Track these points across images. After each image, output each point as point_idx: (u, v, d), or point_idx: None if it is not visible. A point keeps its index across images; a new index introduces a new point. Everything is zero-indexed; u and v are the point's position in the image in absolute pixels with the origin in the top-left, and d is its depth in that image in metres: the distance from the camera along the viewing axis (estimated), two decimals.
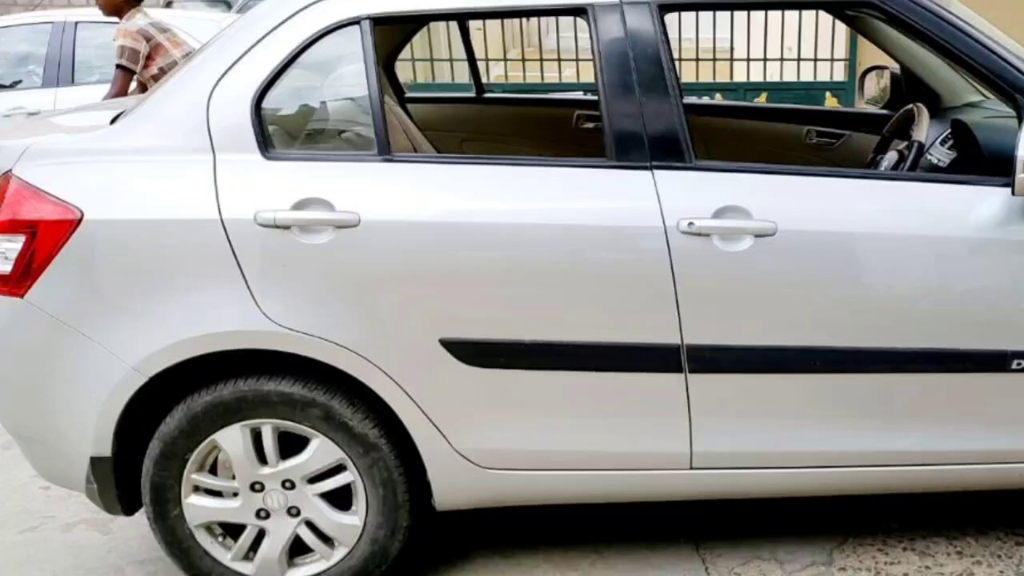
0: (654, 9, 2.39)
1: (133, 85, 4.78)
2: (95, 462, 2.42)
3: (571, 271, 2.35)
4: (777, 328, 2.39)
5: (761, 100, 6.26)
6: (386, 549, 2.49)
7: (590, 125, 3.57)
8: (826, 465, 2.50)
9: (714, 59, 6.42)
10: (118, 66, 4.71)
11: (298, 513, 2.47)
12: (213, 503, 2.47)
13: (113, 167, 2.39)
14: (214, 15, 8.61)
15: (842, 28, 6.03)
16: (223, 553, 2.50)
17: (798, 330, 2.39)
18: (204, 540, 2.49)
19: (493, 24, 6.74)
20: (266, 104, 2.38)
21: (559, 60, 6.70)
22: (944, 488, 2.61)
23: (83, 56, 6.58)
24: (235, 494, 2.45)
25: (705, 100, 5.12)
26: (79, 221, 2.30)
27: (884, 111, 3.46)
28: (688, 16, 5.74)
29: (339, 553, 2.50)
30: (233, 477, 2.44)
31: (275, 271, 2.33)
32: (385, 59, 3.21)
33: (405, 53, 3.79)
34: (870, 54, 4.80)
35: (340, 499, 2.48)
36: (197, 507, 2.46)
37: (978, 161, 2.65)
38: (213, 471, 2.46)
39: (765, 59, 6.22)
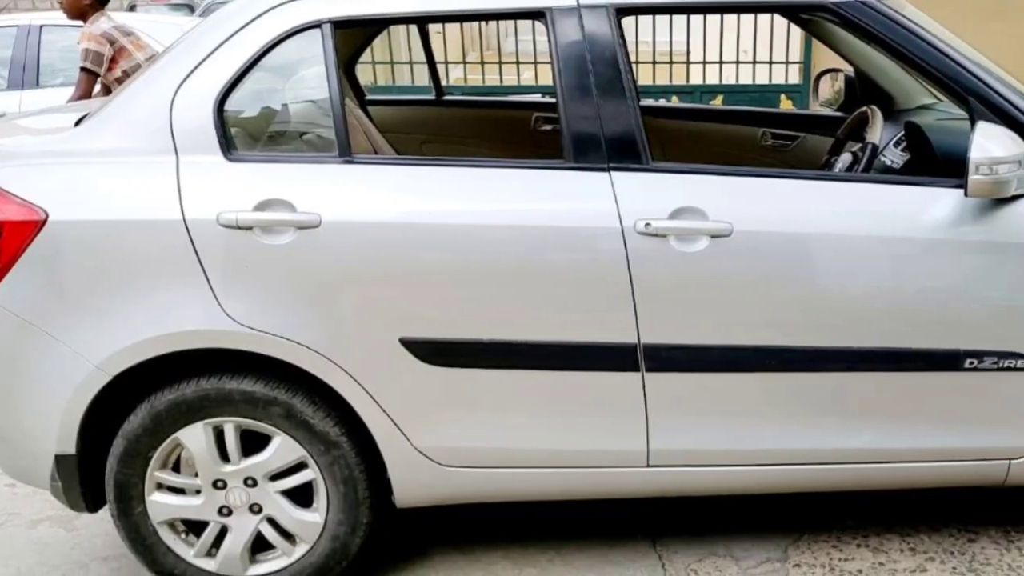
0: (611, 13, 2.46)
1: (97, 88, 4.85)
2: (60, 460, 2.49)
3: (529, 271, 2.42)
4: (733, 328, 2.46)
5: (717, 102, 6.39)
6: (347, 546, 2.56)
7: (548, 127, 3.66)
8: (781, 463, 2.58)
9: (671, 62, 6.58)
10: (82, 69, 4.79)
11: (260, 510, 2.55)
12: (176, 500, 2.54)
13: (78, 169, 2.45)
14: (177, 19, 8.80)
15: (797, 31, 6.18)
16: (186, 550, 2.58)
17: (754, 329, 2.47)
18: (167, 537, 2.57)
19: (452, 27, 6.88)
20: (228, 106, 2.45)
21: (518, 63, 6.83)
22: (898, 485, 2.69)
23: (48, 59, 6.70)
24: (198, 491, 2.53)
25: (662, 102, 5.22)
26: (44, 222, 2.37)
27: (838, 113, 3.55)
28: (645, 19, 5.86)
29: (300, 550, 2.59)
30: (196, 475, 2.52)
31: (237, 271, 2.40)
32: (346, 62, 3.30)
33: (366, 56, 3.87)
34: (824, 57, 4.91)
35: (302, 496, 2.56)
36: (160, 504, 2.53)
37: (931, 163, 2.74)
38: (176, 469, 2.54)
39: (721, 62, 6.36)
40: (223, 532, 2.57)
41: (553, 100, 2.55)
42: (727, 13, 4.29)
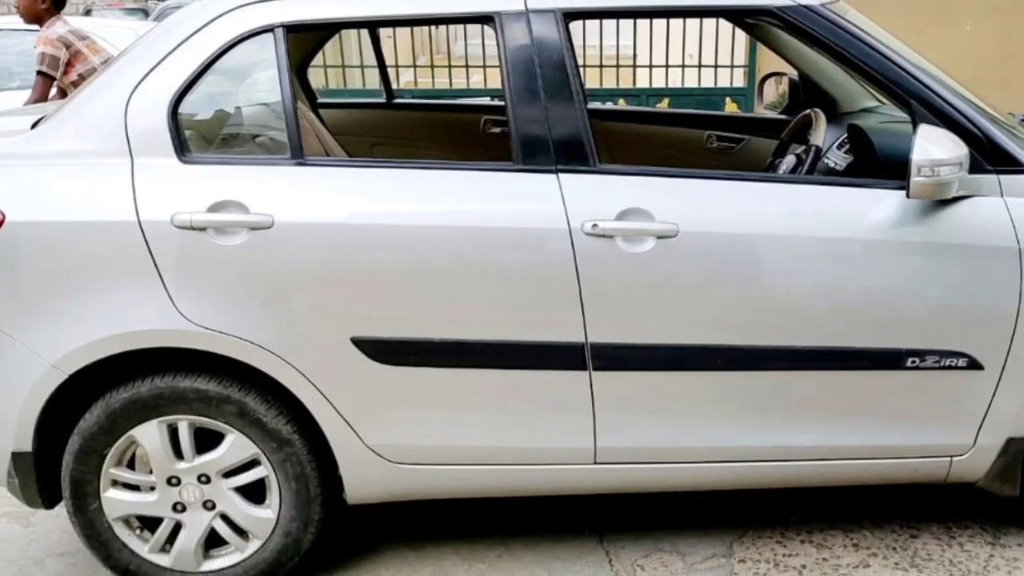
0: (559, 17, 2.56)
1: (53, 91, 4.95)
2: (16, 457, 2.59)
3: (478, 272, 2.51)
4: (679, 327, 2.56)
5: (663, 105, 6.53)
6: (299, 541, 2.66)
7: (497, 130, 3.77)
8: (727, 460, 2.68)
9: (617, 65, 6.75)
10: (39, 72, 4.89)
11: (213, 507, 2.64)
12: (131, 497, 2.64)
13: (34, 170, 2.54)
14: (132, 23, 8.97)
15: (742, 35, 6.34)
16: (141, 545, 2.68)
17: (699, 329, 2.56)
18: (122, 533, 2.66)
19: (403, 31, 7.02)
20: (182, 109, 2.54)
21: (467, 67, 6.98)
22: (841, 482, 2.79)
23: (4, 63, 6.83)
24: (152, 488, 2.63)
25: (609, 105, 5.34)
26: (1, 223, 2.46)
27: (782, 116, 3.65)
28: (592, 24, 5.98)
29: (253, 545, 2.68)
30: (150, 472, 2.62)
31: (191, 272, 2.49)
32: (298, 65, 3.40)
33: (317, 60, 3.97)
34: (768, 61, 5.03)
35: (254, 493, 2.65)
36: (115, 501, 2.63)
37: (874, 165, 2.83)
38: (131, 466, 2.64)
39: (667, 65, 6.51)
40: (177, 528, 2.66)
41: (502, 103, 2.64)
42: (673, 17, 4.38)
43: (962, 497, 3.04)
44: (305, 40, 3.35)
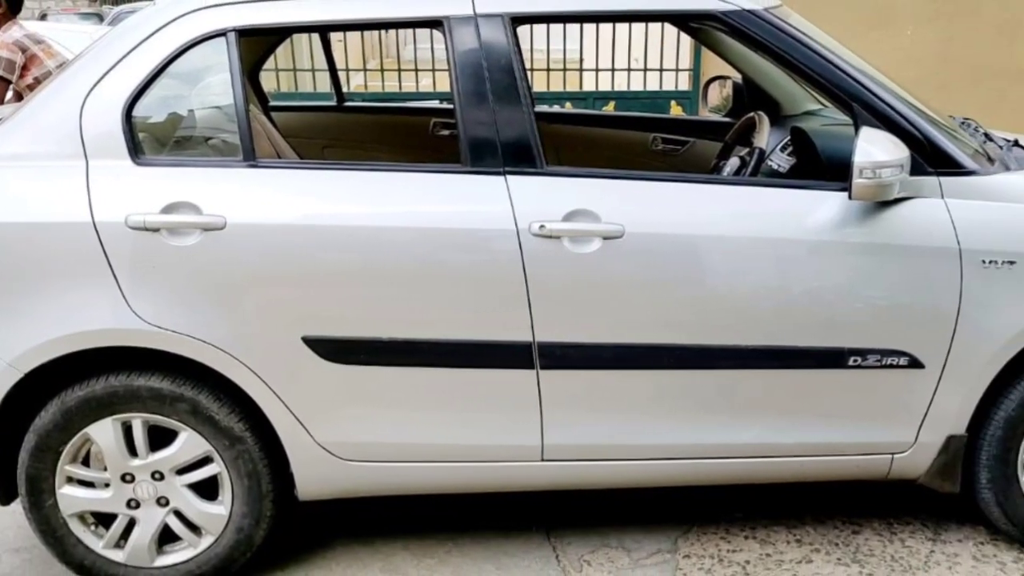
0: (507, 22, 2.65)
1: (9, 94, 5.03)
2: None
3: (428, 272, 2.60)
4: (625, 326, 2.65)
5: (609, 109, 6.68)
6: (251, 537, 2.76)
7: (446, 132, 3.88)
8: (672, 457, 2.78)
9: (564, 69, 6.90)
10: None
11: (167, 503, 2.73)
12: (86, 493, 2.73)
13: None
14: (87, 27, 9.13)
15: (687, 40, 6.49)
16: (95, 541, 2.77)
17: (645, 328, 2.66)
18: (77, 529, 2.76)
19: (353, 36, 7.17)
20: (136, 112, 2.63)
21: (416, 70, 7.14)
22: (785, 479, 2.89)
23: None
24: (107, 485, 2.72)
25: (556, 109, 5.44)
26: None
27: (727, 119, 3.76)
28: (539, 28, 6.08)
29: (206, 541, 2.78)
30: (105, 468, 2.71)
31: (145, 272, 2.58)
32: (250, 69, 3.50)
33: (269, 63, 4.07)
34: (713, 65, 5.16)
35: (207, 490, 2.75)
36: (70, 497, 2.72)
37: (817, 167, 2.93)
38: (86, 463, 2.73)
39: (613, 69, 6.66)
40: (131, 524, 2.76)
41: (451, 106, 2.72)
42: (619, 22, 4.49)
43: (903, 494, 3.16)
44: (257, 44, 3.45)
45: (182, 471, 2.72)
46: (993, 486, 2.84)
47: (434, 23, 2.68)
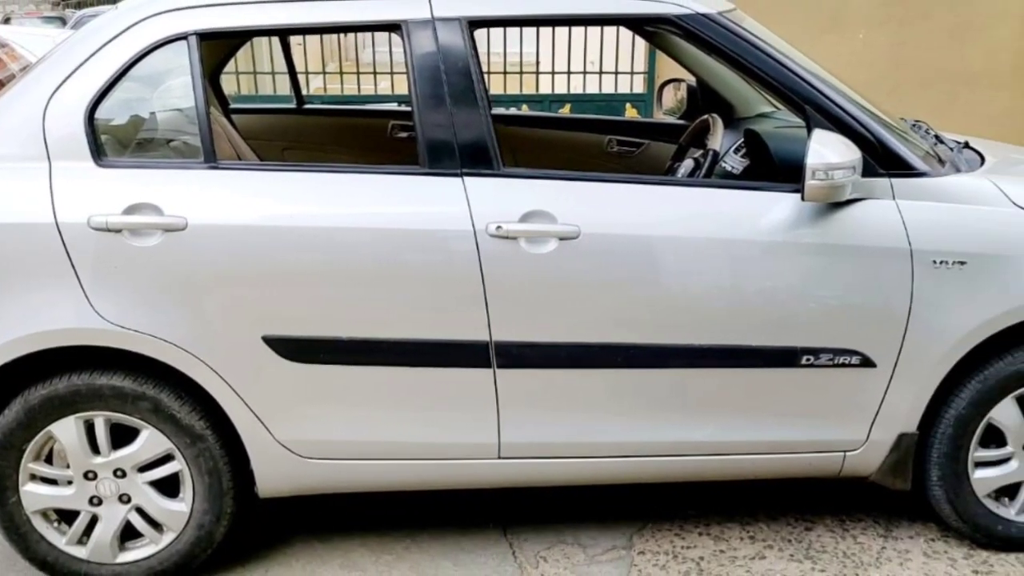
0: (464, 25, 2.72)
1: None
2: None
3: (386, 272, 2.67)
4: (581, 326, 2.73)
5: (565, 111, 6.78)
6: (212, 534, 2.84)
7: (404, 134, 3.96)
8: (627, 455, 2.85)
9: (521, 72, 7.04)
10: None
11: (129, 500, 2.81)
12: (49, 491, 2.80)
13: None
14: (49, 31, 9.25)
15: (641, 43, 6.63)
16: (58, 538, 2.85)
17: (601, 328, 2.73)
18: (40, 525, 2.83)
19: (312, 39, 7.31)
20: (99, 114, 2.70)
21: (375, 73, 7.27)
22: (738, 476, 2.97)
23: None
24: (70, 482, 2.79)
25: (512, 111, 5.53)
26: None
27: (681, 121, 3.84)
28: (496, 31, 6.20)
29: (167, 538, 2.86)
30: (68, 466, 2.78)
31: (107, 272, 2.64)
32: (211, 72, 3.56)
33: (230, 66, 4.14)
34: (668, 68, 5.25)
35: (169, 487, 2.82)
36: (34, 494, 2.79)
37: (770, 168, 3.00)
38: (49, 460, 2.80)
39: (569, 72, 6.78)
40: (94, 521, 2.83)
41: (409, 109, 2.79)
42: (574, 25, 4.59)
43: (855, 491, 3.24)
44: (218, 47, 3.51)
45: (144, 468, 2.79)
46: (944, 483, 2.91)
47: (392, 27, 2.75)
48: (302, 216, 2.68)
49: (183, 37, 2.70)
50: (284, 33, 3.08)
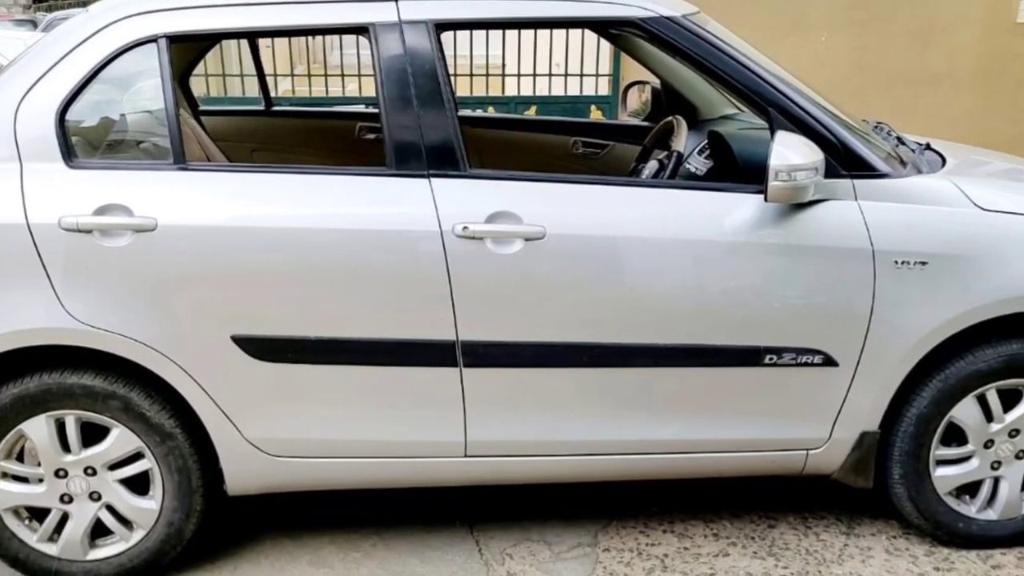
0: (431, 28, 2.77)
1: None
2: None
3: (354, 272, 2.73)
4: (546, 325, 2.78)
5: (531, 113, 6.88)
6: (181, 531, 2.89)
7: (371, 136, 4.02)
8: (592, 453, 2.91)
9: (487, 74, 7.15)
10: None
11: (99, 498, 2.86)
12: (20, 488, 2.86)
13: None
14: (20, 34, 9.35)
15: (606, 46, 6.73)
16: (29, 535, 2.90)
17: (566, 327, 2.78)
18: (11, 523, 2.89)
19: (281, 42, 7.39)
20: (70, 116, 2.75)
21: (342, 75, 7.40)
22: (702, 474, 3.03)
23: None
24: (40, 480, 2.85)
25: (479, 113, 5.59)
26: None
27: (645, 123, 3.90)
28: (463, 34, 6.27)
29: (138, 535, 2.91)
30: (39, 464, 2.83)
31: (78, 272, 2.69)
32: (180, 74, 3.62)
33: (199, 68, 4.20)
34: (632, 70, 5.33)
35: (139, 485, 2.88)
36: (5, 492, 2.85)
37: (733, 170, 3.06)
38: (20, 458, 2.85)
39: (535, 74, 6.90)
40: (65, 518, 2.89)
41: (376, 111, 2.84)
42: (540, 28, 4.65)
43: (818, 489, 3.30)
44: (187, 50, 3.57)
45: (114, 467, 2.84)
46: (905, 481, 2.97)
47: (360, 29, 2.80)
48: (270, 217, 2.73)
49: (153, 40, 2.75)
50: (253, 36, 3.14)
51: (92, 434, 2.83)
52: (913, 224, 2.78)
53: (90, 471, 2.84)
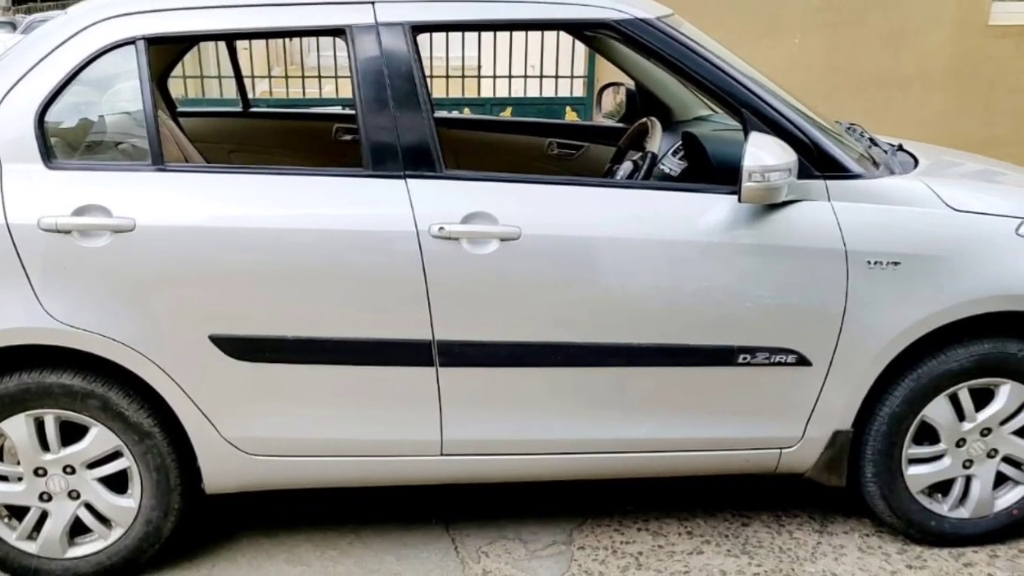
0: (407, 30, 2.81)
1: None
2: None
3: (330, 272, 2.76)
4: (522, 325, 2.82)
5: (506, 114, 6.93)
6: (159, 529, 2.93)
7: (348, 137, 4.07)
8: (567, 452, 2.95)
9: (463, 76, 7.19)
10: None
11: (78, 496, 2.90)
12: None
13: None
14: (0, 36, 9.27)
15: (581, 48, 6.79)
16: (9, 533, 2.94)
17: (541, 327, 2.82)
18: None
19: (258, 43, 7.45)
20: (49, 117, 2.78)
21: (319, 77, 7.39)
22: (676, 473, 3.07)
23: None
24: (20, 479, 2.88)
25: (455, 114, 5.62)
26: None
27: (620, 124, 3.94)
28: (439, 36, 6.31)
29: (116, 533, 2.95)
30: (18, 463, 2.87)
31: (57, 272, 2.73)
32: (159, 76, 3.65)
33: (177, 70, 4.24)
34: (607, 72, 5.38)
35: (117, 483, 2.91)
36: None
37: (707, 170, 3.10)
38: (0, 457, 2.88)
39: (510, 76, 6.96)
40: (44, 516, 2.92)
41: (353, 112, 2.88)
42: (515, 30, 4.67)
43: (791, 487, 3.34)
44: (165, 52, 3.61)
45: (93, 465, 2.88)
46: (878, 480, 3.01)
47: (337, 31, 2.84)
48: (248, 217, 2.76)
49: (131, 42, 2.78)
50: (231, 38, 3.18)
51: (71, 433, 2.86)
52: (886, 224, 2.82)
53: (69, 470, 2.87)
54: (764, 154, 2.67)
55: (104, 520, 2.94)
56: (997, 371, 2.93)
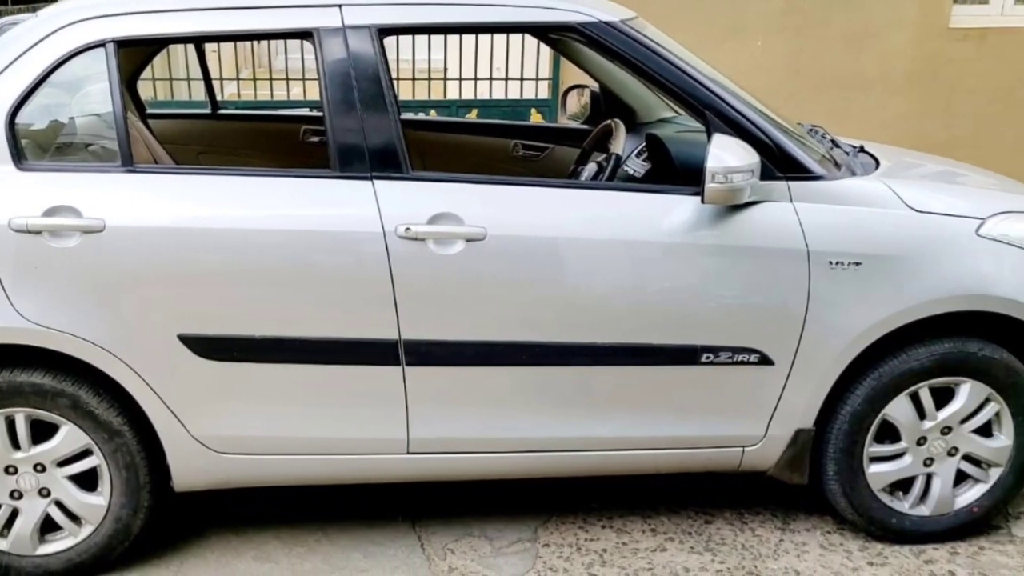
0: (374, 33, 2.86)
1: None
2: None
3: (298, 272, 2.81)
4: (487, 324, 2.87)
5: (472, 116, 6.96)
6: (129, 527, 2.98)
7: (316, 139, 4.13)
8: (532, 450, 3.01)
9: (429, 78, 7.26)
10: None
11: (48, 494, 2.95)
12: None
13: None
14: None
15: (546, 50, 6.85)
16: None
17: (506, 326, 2.87)
18: None
19: (227, 46, 7.50)
20: (19, 119, 2.82)
21: (287, 79, 7.45)
22: (640, 471, 3.13)
23: None
24: None
25: (421, 116, 5.66)
26: None
27: (584, 126, 4.00)
28: (405, 39, 6.40)
29: (86, 530, 3.00)
30: None
31: (27, 273, 2.77)
32: (128, 78, 3.71)
33: (146, 72, 4.28)
34: (572, 74, 5.44)
35: (87, 481, 2.96)
36: None
37: (671, 172, 3.15)
38: None
39: (476, 78, 7.00)
40: (14, 514, 2.97)
41: (320, 114, 2.93)
42: (481, 33, 4.75)
43: (754, 485, 3.39)
44: (135, 54, 3.66)
45: (63, 463, 2.93)
46: (840, 478, 3.07)
47: (304, 34, 2.89)
48: (216, 218, 2.81)
49: (101, 44, 2.83)
50: (199, 40, 3.23)
51: (42, 431, 2.91)
52: (847, 225, 2.88)
53: (39, 468, 2.92)
54: (727, 155, 2.72)
55: (74, 518, 2.99)
56: (957, 370, 2.99)
